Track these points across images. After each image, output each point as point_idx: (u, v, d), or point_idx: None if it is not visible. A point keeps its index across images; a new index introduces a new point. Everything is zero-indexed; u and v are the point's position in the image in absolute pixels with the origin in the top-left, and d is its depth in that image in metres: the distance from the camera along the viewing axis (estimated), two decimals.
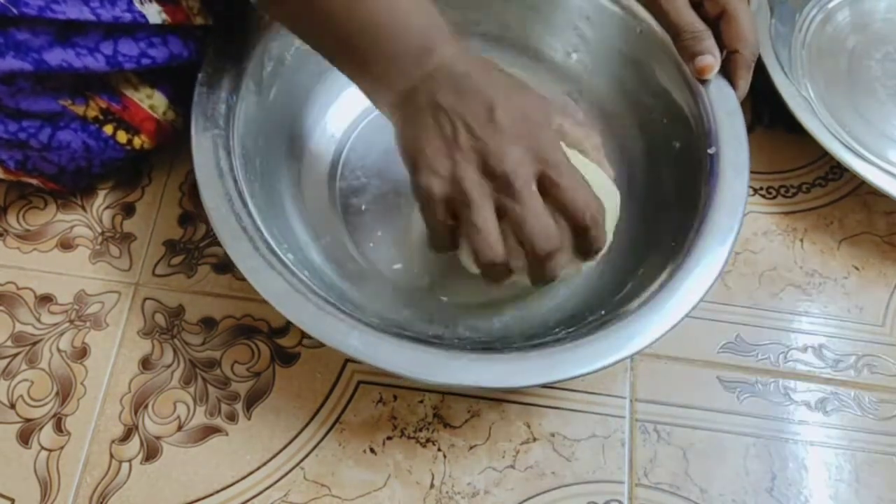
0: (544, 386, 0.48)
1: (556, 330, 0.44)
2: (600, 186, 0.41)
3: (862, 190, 0.57)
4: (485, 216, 0.38)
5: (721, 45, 0.48)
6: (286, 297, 0.40)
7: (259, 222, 0.43)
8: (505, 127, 0.38)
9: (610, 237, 0.42)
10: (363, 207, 0.51)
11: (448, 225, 0.39)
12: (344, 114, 0.54)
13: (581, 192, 0.38)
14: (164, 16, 0.43)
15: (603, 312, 0.44)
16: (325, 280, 0.45)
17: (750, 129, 0.48)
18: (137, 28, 0.43)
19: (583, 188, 0.38)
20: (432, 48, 0.39)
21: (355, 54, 0.40)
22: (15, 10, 0.38)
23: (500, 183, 0.37)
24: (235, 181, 0.43)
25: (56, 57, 0.41)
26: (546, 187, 0.38)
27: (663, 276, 0.43)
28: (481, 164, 0.38)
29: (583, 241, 0.39)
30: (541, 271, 0.39)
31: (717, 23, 0.48)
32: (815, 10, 0.63)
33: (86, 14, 0.40)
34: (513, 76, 0.41)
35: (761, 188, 0.57)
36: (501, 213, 0.38)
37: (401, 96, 0.40)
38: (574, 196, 0.38)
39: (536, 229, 0.37)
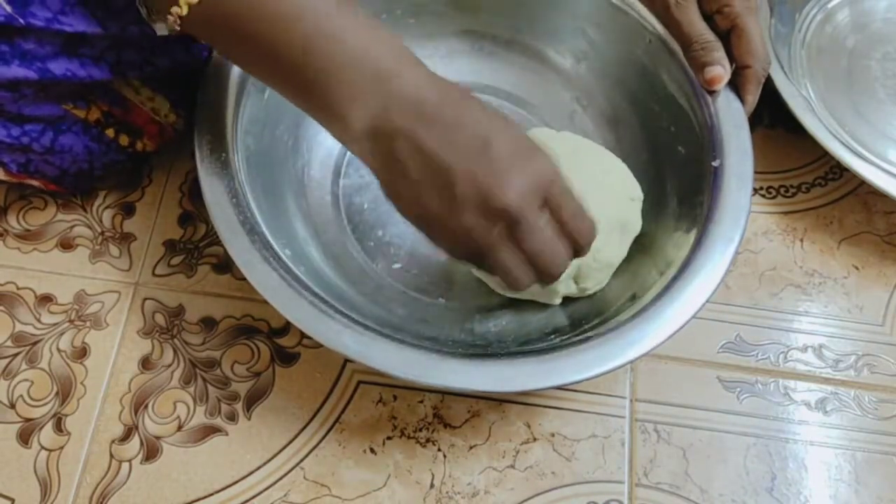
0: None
1: (552, 336, 0.44)
2: (621, 186, 0.46)
3: (862, 190, 0.57)
4: (504, 256, 0.38)
5: (731, 59, 0.47)
6: (281, 293, 0.40)
7: (259, 219, 0.43)
8: (503, 158, 0.36)
9: (638, 221, 0.47)
10: (365, 206, 0.51)
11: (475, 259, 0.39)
12: None
13: (580, 220, 0.38)
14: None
15: (600, 320, 0.43)
16: (323, 278, 0.45)
17: (750, 128, 0.48)
18: (142, 38, 0.43)
19: (581, 215, 0.39)
20: (391, 73, 0.36)
21: (299, 84, 0.37)
22: (22, 21, 0.38)
23: (510, 219, 0.36)
24: (237, 178, 0.43)
25: (60, 66, 0.40)
26: (550, 210, 0.38)
27: (664, 283, 0.43)
28: (484, 205, 0.36)
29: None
30: (550, 282, 0.40)
31: (728, 37, 0.47)
32: (815, 9, 0.63)
33: (93, 27, 0.40)
34: (489, 106, 0.38)
35: (761, 188, 0.57)
36: (517, 242, 0.37)
37: (363, 132, 0.37)
38: (576, 225, 0.38)
39: (549, 258, 0.38)
